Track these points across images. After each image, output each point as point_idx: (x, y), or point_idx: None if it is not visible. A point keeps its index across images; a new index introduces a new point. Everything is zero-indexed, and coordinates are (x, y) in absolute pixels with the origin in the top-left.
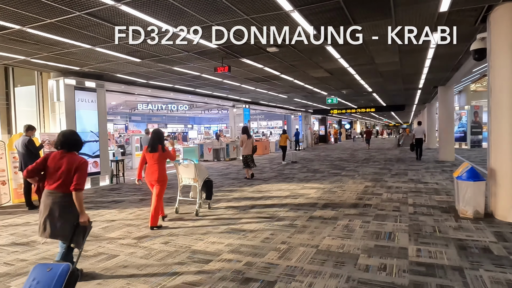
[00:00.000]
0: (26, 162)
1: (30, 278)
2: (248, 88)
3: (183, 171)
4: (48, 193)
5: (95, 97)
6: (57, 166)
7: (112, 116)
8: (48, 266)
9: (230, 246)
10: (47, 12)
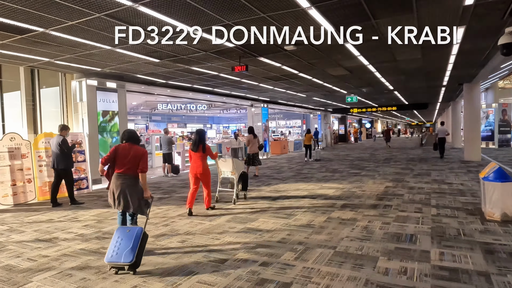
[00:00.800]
0: (58, 160)
1: (116, 236)
2: (266, 87)
3: (222, 165)
4: (118, 175)
5: (116, 97)
6: (125, 155)
7: (133, 116)
8: (127, 228)
9: (246, 246)
10: (68, 14)
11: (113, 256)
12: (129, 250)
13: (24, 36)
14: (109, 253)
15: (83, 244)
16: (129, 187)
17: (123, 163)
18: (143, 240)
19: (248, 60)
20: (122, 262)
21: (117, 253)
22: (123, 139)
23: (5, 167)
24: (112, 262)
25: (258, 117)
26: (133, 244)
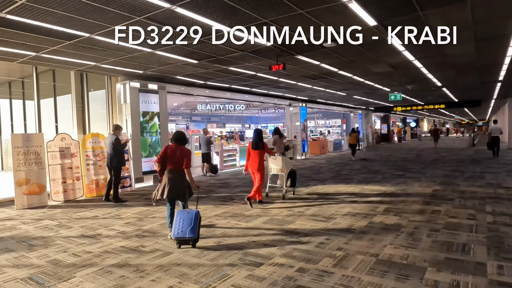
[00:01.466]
0: (112, 157)
1: (178, 217)
2: (304, 86)
3: (272, 162)
4: (169, 171)
5: (157, 98)
6: (174, 154)
7: (174, 116)
8: (186, 211)
9: (283, 250)
10: (111, 19)
11: (179, 233)
12: (191, 228)
13: (72, 42)
14: (175, 231)
15: (123, 241)
16: (178, 180)
17: (172, 161)
18: (200, 219)
19: (286, 59)
20: (187, 237)
21: (182, 230)
22: (172, 140)
23: (56, 166)
24: (178, 237)
25: (296, 116)
26: (193, 224)
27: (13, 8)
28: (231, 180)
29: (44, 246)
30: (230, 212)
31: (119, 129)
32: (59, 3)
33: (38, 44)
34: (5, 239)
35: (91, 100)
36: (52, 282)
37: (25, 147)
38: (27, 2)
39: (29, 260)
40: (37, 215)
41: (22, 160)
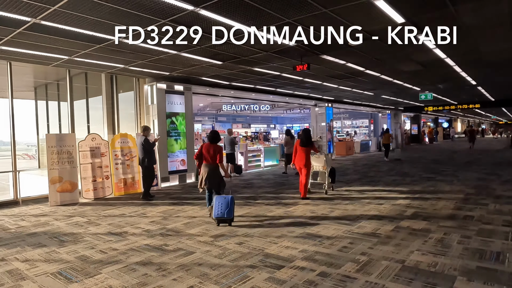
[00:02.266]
0: (143, 157)
1: (217, 201)
2: (330, 86)
3: (315, 160)
4: (205, 165)
5: (183, 99)
6: (209, 150)
7: (201, 117)
8: (223, 197)
9: (305, 253)
10: (137, 22)
11: (219, 214)
12: (228, 210)
13: (102, 45)
14: (215, 212)
15: (148, 240)
16: (212, 172)
17: (208, 156)
18: (234, 203)
19: (310, 59)
20: (226, 217)
21: (221, 212)
22: (208, 139)
23: (87, 165)
24: (218, 217)
25: (322, 117)
26: (230, 206)
27: (47, 14)
28: (255, 180)
29: (74, 242)
30: (253, 213)
31: (148, 130)
32: (90, 8)
33: (70, 48)
34: (38, 234)
35: (120, 101)
36: (79, 278)
37: (59, 147)
38: (59, 8)
39: (59, 256)
40: (69, 212)
41: (55, 159)
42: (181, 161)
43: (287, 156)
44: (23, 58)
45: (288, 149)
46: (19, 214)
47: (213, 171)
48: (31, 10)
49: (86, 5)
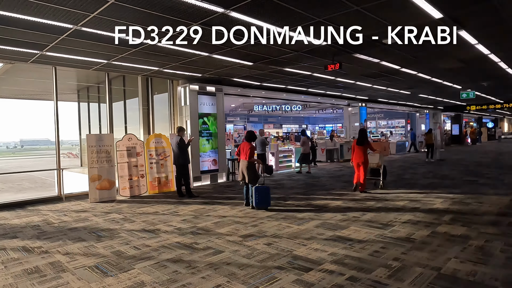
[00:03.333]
0: (178, 157)
1: (256, 191)
2: (363, 85)
3: (370, 158)
4: (242, 161)
5: (215, 100)
6: (243, 148)
7: (233, 117)
8: (261, 187)
9: (334, 256)
10: (170, 25)
11: (257, 202)
12: (265, 198)
13: (137, 49)
14: (255, 201)
15: (179, 237)
16: (247, 168)
17: (243, 153)
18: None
19: (342, 58)
20: (263, 205)
21: (260, 200)
22: (245, 138)
23: (124, 164)
24: (258, 206)
25: (355, 117)
26: (267, 195)
27: (87, 20)
28: (286, 181)
29: (110, 237)
30: (283, 214)
31: (183, 130)
32: (126, 14)
33: (108, 52)
34: (78, 229)
35: (155, 102)
36: (114, 272)
37: (98, 146)
38: (98, 15)
39: (97, 250)
40: (107, 209)
41: (95, 158)
42: (212, 161)
43: (304, 156)
44: (66, 62)
45: (305, 150)
46: (62, 210)
47: (247, 167)
48: (72, 18)
49: (122, 11)
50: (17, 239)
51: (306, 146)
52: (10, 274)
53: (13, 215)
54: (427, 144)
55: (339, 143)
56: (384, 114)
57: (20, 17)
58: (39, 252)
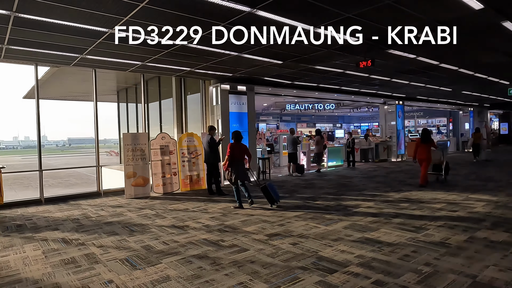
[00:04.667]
0: (208, 155)
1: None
2: (400, 82)
3: (432, 154)
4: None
5: (246, 99)
6: (239, 149)
7: (265, 116)
8: (270, 183)
9: (361, 258)
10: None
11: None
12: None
13: (169, 50)
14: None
15: (206, 234)
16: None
17: (239, 154)
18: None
19: (375, 54)
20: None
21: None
22: (233, 138)
23: (157, 161)
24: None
25: (391, 115)
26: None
27: (121, 23)
28: (317, 181)
29: (142, 232)
30: (311, 214)
31: (214, 129)
32: (156, 16)
33: (142, 54)
34: (113, 224)
35: (188, 102)
36: (142, 266)
37: (133, 145)
38: (130, 18)
39: (128, 244)
40: (140, 205)
41: (130, 156)
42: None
43: (318, 155)
44: (104, 65)
45: (319, 149)
46: (100, 204)
47: (243, 166)
48: (107, 22)
49: (153, 14)
50: (58, 231)
51: (320, 146)
52: (49, 264)
53: (56, 209)
54: (474, 144)
55: (374, 142)
56: (423, 113)
57: (61, 23)
58: (76, 244)
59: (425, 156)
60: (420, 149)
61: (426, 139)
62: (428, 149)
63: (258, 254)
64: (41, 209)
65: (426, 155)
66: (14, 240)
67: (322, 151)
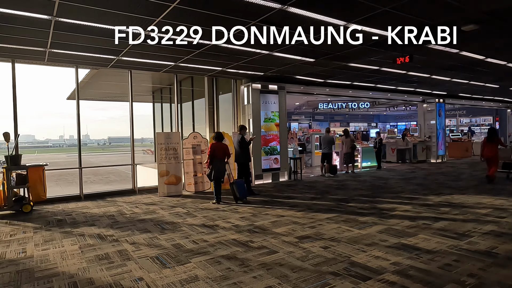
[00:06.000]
0: (239, 154)
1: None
2: (441, 79)
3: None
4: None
5: (277, 98)
6: (220, 148)
7: (297, 116)
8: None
9: (397, 266)
10: (229, 25)
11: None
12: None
13: (201, 50)
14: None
15: (236, 235)
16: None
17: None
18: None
19: (413, 49)
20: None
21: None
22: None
23: (189, 160)
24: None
25: (431, 114)
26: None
27: (153, 24)
28: (350, 182)
29: (172, 231)
30: (343, 217)
31: (244, 129)
32: (187, 17)
33: (174, 55)
34: (146, 221)
35: (220, 102)
36: (172, 264)
37: (166, 144)
38: (163, 19)
39: (159, 242)
40: (173, 203)
41: (163, 154)
42: (274, 159)
43: (347, 156)
44: (139, 66)
45: (346, 149)
46: (134, 202)
47: (224, 165)
48: (140, 23)
49: (183, 14)
50: (94, 226)
51: (345, 146)
52: (85, 259)
53: (94, 205)
54: None
55: (412, 142)
56: (466, 111)
57: (98, 26)
58: (111, 240)
59: (492, 153)
60: (487, 148)
61: (492, 137)
62: (494, 147)
63: (287, 257)
64: (80, 205)
65: (492, 153)
66: (55, 234)
67: (349, 151)
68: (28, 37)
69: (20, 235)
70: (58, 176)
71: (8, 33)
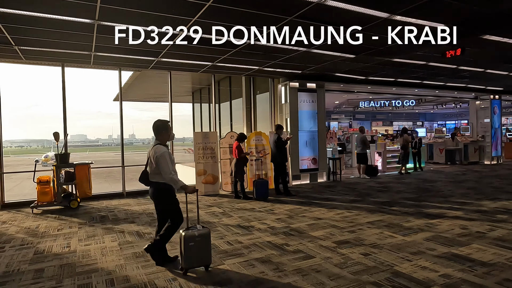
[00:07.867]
0: (275, 155)
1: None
2: (496, 73)
3: None
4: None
5: (315, 97)
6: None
7: (337, 115)
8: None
9: (447, 278)
10: (265, 22)
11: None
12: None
13: (236, 50)
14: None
15: (271, 237)
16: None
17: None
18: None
19: (465, 41)
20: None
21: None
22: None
23: (226, 160)
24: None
25: (485, 112)
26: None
27: (190, 24)
28: (393, 184)
29: None
30: (386, 221)
31: (281, 128)
32: (222, 15)
33: (211, 55)
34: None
35: (257, 101)
36: None
37: (204, 143)
38: (198, 18)
39: None
40: (209, 202)
41: (201, 154)
42: (312, 159)
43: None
44: (178, 67)
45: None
46: None
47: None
48: (177, 23)
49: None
50: (134, 224)
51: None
52: (123, 256)
53: (135, 202)
54: None
55: (463, 142)
56: None
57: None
58: (148, 238)
59: None
60: None
61: None
62: None
63: (324, 262)
64: (123, 202)
65: None
66: (97, 230)
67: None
68: (75, 41)
69: (66, 229)
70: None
71: (57, 38)
